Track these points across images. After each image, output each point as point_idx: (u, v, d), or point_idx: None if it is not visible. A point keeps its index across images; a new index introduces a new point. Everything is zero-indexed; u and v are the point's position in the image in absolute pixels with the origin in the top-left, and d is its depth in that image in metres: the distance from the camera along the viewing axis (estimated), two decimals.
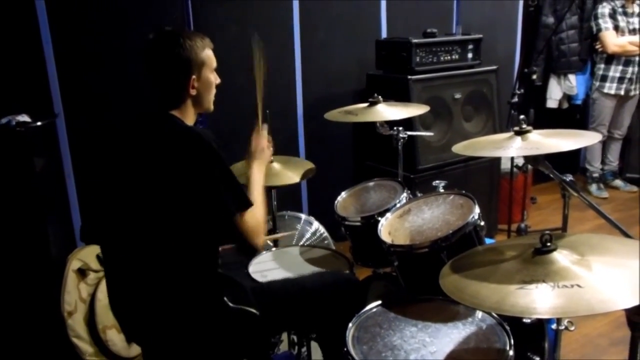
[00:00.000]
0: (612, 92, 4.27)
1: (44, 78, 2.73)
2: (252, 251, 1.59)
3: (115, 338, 2.49)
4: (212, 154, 1.51)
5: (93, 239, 1.72)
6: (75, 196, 2.90)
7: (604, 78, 4.29)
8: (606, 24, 4.17)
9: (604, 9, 4.20)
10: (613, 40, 4.16)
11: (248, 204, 1.59)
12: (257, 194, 1.70)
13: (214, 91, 1.71)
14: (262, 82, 2.09)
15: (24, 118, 2.47)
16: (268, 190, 2.54)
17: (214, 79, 1.69)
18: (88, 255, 2.56)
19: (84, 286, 2.51)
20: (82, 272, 2.51)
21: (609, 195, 4.49)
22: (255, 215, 1.61)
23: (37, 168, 2.51)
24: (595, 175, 4.57)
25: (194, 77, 1.60)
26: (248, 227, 1.57)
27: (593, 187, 4.55)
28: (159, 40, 1.59)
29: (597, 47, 4.33)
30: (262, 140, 1.93)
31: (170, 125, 1.58)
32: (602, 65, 4.31)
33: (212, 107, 1.72)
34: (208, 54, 1.64)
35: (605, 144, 4.58)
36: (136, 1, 2.91)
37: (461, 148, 1.78)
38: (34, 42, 2.68)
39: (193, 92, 1.62)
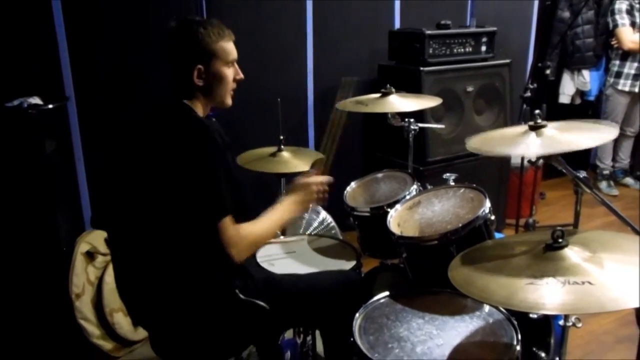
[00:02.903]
0: (627, 89, 4.22)
1: (56, 61, 2.74)
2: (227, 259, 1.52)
3: (122, 321, 2.51)
4: (213, 146, 1.50)
5: (101, 225, 1.72)
6: (84, 180, 2.92)
7: (618, 75, 4.25)
8: (623, 20, 4.11)
9: (621, 5, 4.13)
10: (629, 37, 4.10)
11: (228, 210, 1.51)
12: (268, 221, 1.63)
13: (229, 85, 1.65)
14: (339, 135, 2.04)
15: (36, 100, 2.49)
16: (277, 178, 2.54)
17: (231, 72, 1.64)
18: (96, 238, 2.58)
19: (92, 269, 2.52)
20: (90, 255, 2.53)
21: (619, 193, 4.46)
22: (253, 233, 1.57)
23: (47, 151, 2.53)
24: (606, 172, 4.54)
25: (199, 67, 1.57)
26: (232, 235, 1.50)
27: (603, 184, 4.52)
28: (175, 26, 1.58)
29: (612, 43, 4.27)
30: (314, 184, 1.80)
31: (181, 115, 1.58)
32: (617, 62, 4.25)
33: (228, 101, 1.68)
34: (222, 46, 1.60)
35: (616, 142, 4.53)
36: None
37: (476, 144, 1.72)
38: (47, 26, 2.69)
39: (199, 82, 1.59)
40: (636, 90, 4.20)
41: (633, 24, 4.11)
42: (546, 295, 1.17)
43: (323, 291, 1.77)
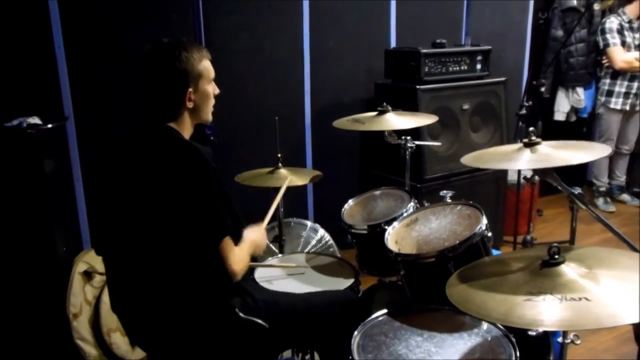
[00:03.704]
0: (618, 107, 4.25)
1: (55, 81, 2.76)
2: (228, 278, 1.55)
3: (119, 341, 2.50)
4: (209, 170, 1.51)
5: (98, 247, 1.72)
6: (83, 200, 2.92)
7: (609, 93, 4.28)
8: (614, 39, 4.14)
9: (612, 24, 4.17)
10: (621, 57, 4.14)
11: (228, 231, 1.55)
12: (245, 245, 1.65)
13: (212, 102, 1.69)
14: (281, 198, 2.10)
15: (35, 120, 2.49)
16: (275, 195, 2.55)
17: (212, 89, 1.67)
18: (94, 257, 2.57)
19: (89, 288, 2.51)
20: (88, 275, 2.52)
21: (616, 209, 4.48)
22: (247, 253, 1.62)
23: (46, 170, 2.53)
24: (602, 189, 4.55)
25: (190, 89, 1.59)
26: (234, 253, 1.54)
27: (600, 201, 4.53)
28: (156, 52, 1.59)
29: (603, 61, 4.31)
30: (262, 232, 1.86)
31: (169, 138, 1.58)
32: (608, 80, 4.29)
33: (210, 117, 1.71)
34: (205, 65, 1.63)
35: (612, 159, 4.56)
36: (148, 9, 2.93)
37: (470, 159, 1.77)
38: (47, 46, 2.71)
39: (190, 104, 1.61)
40: (627, 108, 4.24)
41: (623, 43, 4.16)
42: (544, 312, 1.17)
43: (321, 311, 1.77)
